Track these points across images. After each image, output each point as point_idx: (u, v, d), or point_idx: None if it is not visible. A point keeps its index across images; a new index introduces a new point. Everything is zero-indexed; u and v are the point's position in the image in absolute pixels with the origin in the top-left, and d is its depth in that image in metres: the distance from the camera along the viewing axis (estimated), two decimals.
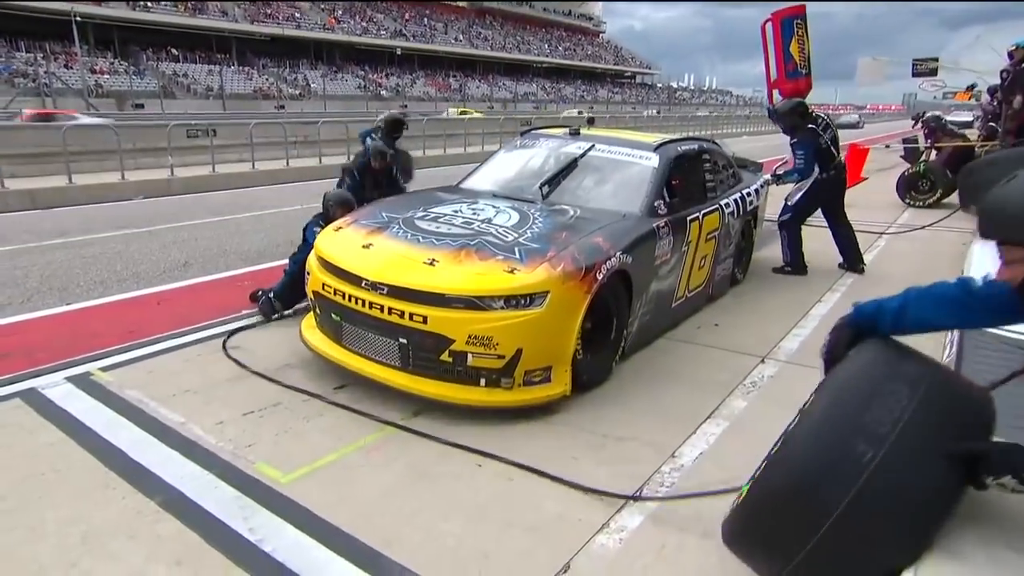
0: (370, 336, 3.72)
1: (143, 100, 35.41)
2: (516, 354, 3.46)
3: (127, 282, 6.38)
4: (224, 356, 4.33)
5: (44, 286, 6.19)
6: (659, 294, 4.56)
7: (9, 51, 35.65)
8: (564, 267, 3.59)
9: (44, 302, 5.71)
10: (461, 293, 3.46)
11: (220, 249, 7.89)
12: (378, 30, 56.05)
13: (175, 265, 7.11)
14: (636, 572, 2.42)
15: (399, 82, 54.00)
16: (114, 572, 2.40)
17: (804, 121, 6.32)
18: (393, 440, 3.37)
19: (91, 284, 6.31)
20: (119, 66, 40.16)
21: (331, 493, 2.89)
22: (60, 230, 8.83)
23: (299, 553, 2.50)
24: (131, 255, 7.47)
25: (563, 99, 61.72)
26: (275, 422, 3.50)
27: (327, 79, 48.45)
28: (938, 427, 1.59)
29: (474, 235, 3.93)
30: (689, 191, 5.14)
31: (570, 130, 5.61)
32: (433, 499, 2.87)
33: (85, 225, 9.19)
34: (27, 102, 29.49)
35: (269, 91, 44.35)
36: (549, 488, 2.95)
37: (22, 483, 2.94)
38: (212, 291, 6.11)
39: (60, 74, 35.24)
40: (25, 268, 6.78)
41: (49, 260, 7.16)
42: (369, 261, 3.78)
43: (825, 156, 6.35)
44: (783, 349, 4.65)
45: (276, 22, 49.05)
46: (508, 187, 5.02)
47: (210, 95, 39.91)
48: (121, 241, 8.21)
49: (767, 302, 5.77)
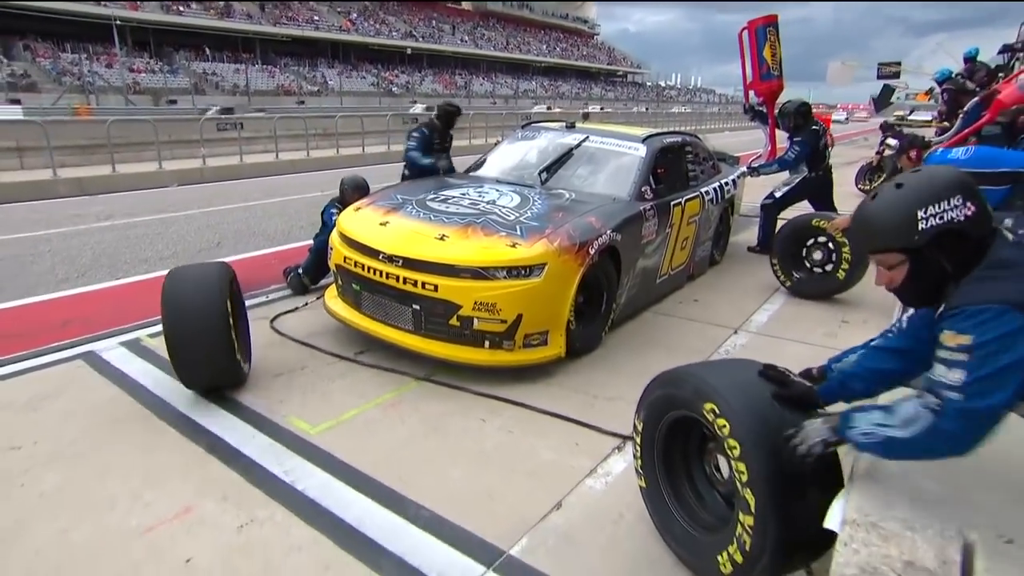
0: (387, 303, 3.77)
1: (176, 96, 35.16)
2: (517, 319, 3.52)
3: (168, 260, 6.41)
4: (255, 322, 4.32)
5: (96, 263, 6.25)
6: (645, 271, 4.60)
7: (56, 52, 35.42)
8: (560, 242, 3.64)
9: (96, 277, 5.79)
10: (468, 264, 3.51)
11: (249, 231, 7.93)
12: (390, 32, 55.37)
13: (210, 245, 7.17)
14: (619, 508, 2.52)
15: (409, 80, 53.42)
16: (171, 503, 2.51)
17: (807, 122, 6.27)
18: (408, 397, 3.46)
19: (136, 261, 6.37)
20: (154, 65, 39.75)
21: (354, 442, 2.98)
22: (106, 214, 8.86)
23: (328, 492, 2.61)
24: (170, 236, 7.52)
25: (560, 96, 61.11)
26: (303, 382, 3.59)
27: (343, 76, 47.97)
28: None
29: (480, 214, 3.96)
30: (673, 179, 5.15)
31: (567, 123, 5.62)
32: (443, 448, 2.96)
33: (128, 209, 9.22)
34: (73, 99, 29.45)
35: (290, 88, 43.93)
36: (545, 440, 3.04)
37: (89, 430, 3.06)
38: (244, 268, 6.10)
39: (102, 73, 34.96)
40: (78, 248, 6.85)
41: (98, 240, 7.22)
42: (386, 236, 3.82)
43: (817, 158, 6.31)
44: (754, 322, 4.73)
45: (297, 24, 48.47)
46: (510, 173, 5.03)
47: (237, 91, 39.57)
48: (160, 224, 8.25)
49: (742, 281, 5.80)
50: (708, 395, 1.90)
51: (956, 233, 1.50)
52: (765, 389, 1.90)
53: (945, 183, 1.53)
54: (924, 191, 1.53)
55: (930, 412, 1.45)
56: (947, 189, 1.52)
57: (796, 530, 1.71)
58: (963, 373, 1.41)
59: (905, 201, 1.55)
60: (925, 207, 1.51)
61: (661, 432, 2.22)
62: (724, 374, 2.03)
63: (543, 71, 70.25)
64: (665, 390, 2.16)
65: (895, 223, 1.55)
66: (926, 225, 1.51)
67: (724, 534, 1.91)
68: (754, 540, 1.74)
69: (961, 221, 1.50)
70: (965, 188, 1.52)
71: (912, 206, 1.53)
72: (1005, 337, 1.38)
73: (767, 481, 1.71)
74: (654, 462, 2.28)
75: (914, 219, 1.51)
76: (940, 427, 1.43)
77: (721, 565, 1.88)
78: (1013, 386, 1.39)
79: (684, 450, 2.25)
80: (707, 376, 2.00)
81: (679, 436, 2.22)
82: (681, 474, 2.26)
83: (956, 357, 1.43)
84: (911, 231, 1.52)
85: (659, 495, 2.27)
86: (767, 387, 1.91)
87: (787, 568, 1.83)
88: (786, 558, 1.77)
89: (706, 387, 1.93)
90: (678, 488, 2.25)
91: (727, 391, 1.87)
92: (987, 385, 1.39)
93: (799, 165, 6.32)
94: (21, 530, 2.36)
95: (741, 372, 2.01)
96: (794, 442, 1.68)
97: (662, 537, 2.27)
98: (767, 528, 1.71)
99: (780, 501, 1.70)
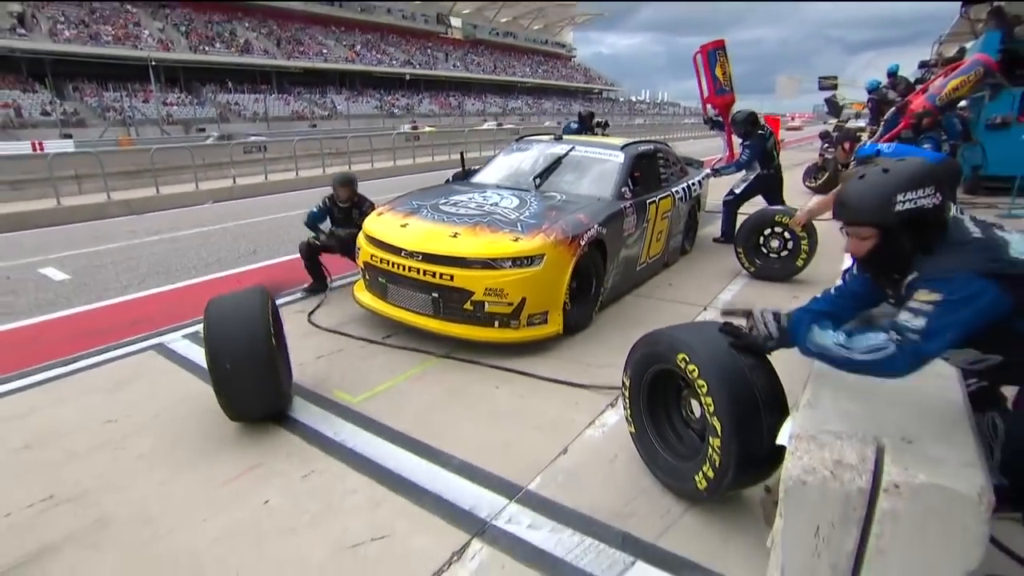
0: (409, 293, 3.88)
1: (204, 125, 35.23)
2: (521, 302, 3.66)
3: (212, 266, 6.54)
4: (295, 315, 4.51)
5: (152, 271, 6.37)
6: (627, 259, 4.70)
7: (100, 91, 35.71)
8: (555, 236, 3.77)
9: (154, 283, 5.91)
10: (478, 256, 3.65)
11: (278, 239, 7.98)
12: (390, 60, 55.24)
13: (246, 252, 7.26)
14: (614, 450, 2.70)
15: (408, 102, 53.36)
16: (244, 461, 2.69)
17: (755, 128, 6.44)
18: (432, 371, 3.60)
19: (185, 268, 6.48)
20: (184, 99, 39.77)
21: (390, 408, 3.13)
22: (154, 229, 8.95)
23: (372, 447, 2.78)
24: (211, 246, 7.62)
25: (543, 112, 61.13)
26: (342, 362, 3.73)
27: (350, 101, 47.94)
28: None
29: (485, 215, 4.09)
30: (648, 181, 5.24)
31: (555, 136, 5.75)
32: (465, 411, 3.12)
33: (172, 225, 9.31)
34: (116, 131, 29.74)
35: (303, 113, 43.91)
36: (550, 401, 3.19)
37: (168, 406, 3.23)
38: (279, 271, 6.29)
39: (139, 107, 35.20)
40: (135, 259, 6.96)
41: (151, 252, 7.32)
42: (407, 236, 3.94)
43: (767, 157, 6.45)
44: (720, 300, 4.85)
45: (307, 57, 48.32)
46: (509, 180, 5.11)
47: (256, 118, 39.59)
48: (201, 236, 8.35)
49: (709, 267, 5.90)
50: (679, 348, 2.11)
51: (922, 218, 1.59)
52: (724, 341, 2.10)
53: (923, 175, 1.61)
54: (904, 179, 1.60)
55: (894, 346, 1.57)
56: (923, 180, 1.60)
57: (753, 447, 1.92)
58: (925, 321, 1.53)
59: (887, 185, 1.61)
60: (904, 192, 1.59)
61: (645, 385, 2.42)
62: (692, 332, 2.25)
63: (528, 91, 70.27)
64: (646, 349, 2.36)
65: (876, 203, 1.62)
66: (901, 208, 1.59)
67: (698, 459, 2.12)
68: (722, 458, 1.95)
69: (929, 208, 1.59)
70: (937, 181, 1.61)
71: (893, 190, 1.60)
72: (969, 296, 1.50)
73: (729, 409, 1.92)
74: (640, 411, 2.48)
75: (892, 201, 1.60)
76: (895, 359, 1.57)
77: (698, 483, 2.10)
78: (956, 337, 1.53)
79: (664, 399, 2.45)
80: (678, 334, 2.21)
81: (659, 388, 2.43)
82: (663, 418, 2.46)
83: (924, 308, 1.54)
84: (887, 211, 1.61)
85: (646, 437, 2.47)
86: (725, 339, 2.11)
87: (747, 482, 2.05)
88: (747, 471, 1.98)
89: (678, 342, 2.14)
90: (661, 430, 2.45)
91: (694, 343, 2.08)
92: (940, 333, 1.52)
93: (752, 164, 6.48)
94: (129, 484, 2.55)
95: (705, 330, 2.22)
96: (747, 325, 1.81)
97: (650, 470, 2.47)
98: (731, 447, 1.92)
99: (740, 425, 1.92)
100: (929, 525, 1.40)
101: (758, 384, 1.99)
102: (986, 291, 1.52)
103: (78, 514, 2.36)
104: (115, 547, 2.19)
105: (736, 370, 1.98)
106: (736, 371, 1.98)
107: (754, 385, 1.98)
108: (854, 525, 1.51)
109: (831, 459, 1.53)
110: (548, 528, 2.21)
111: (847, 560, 1.55)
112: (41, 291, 5.69)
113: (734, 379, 1.96)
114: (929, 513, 1.40)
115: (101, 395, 3.38)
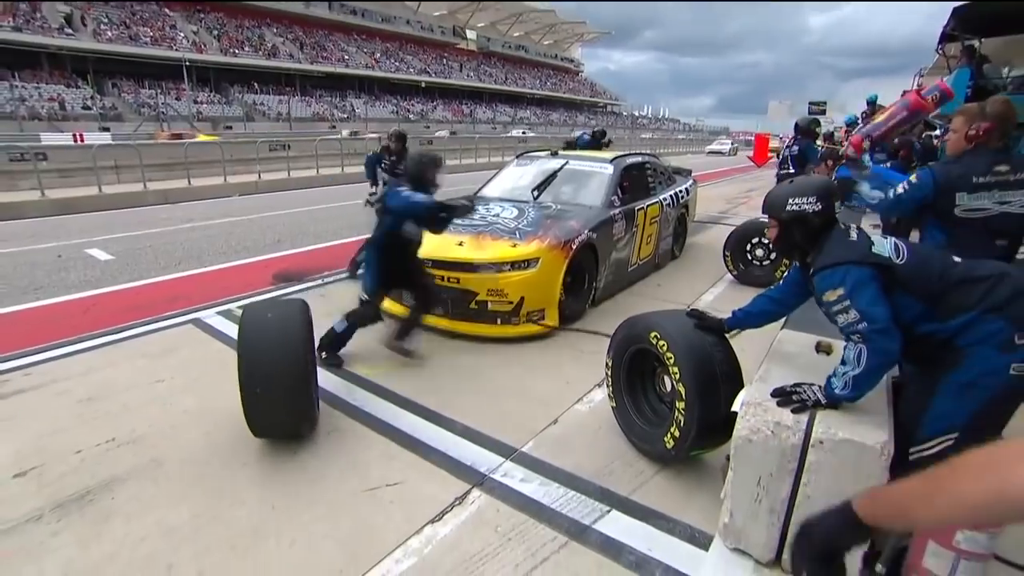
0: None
1: (231, 123, 35.59)
2: (520, 301, 3.87)
3: (240, 253, 6.74)
4: (313, 300, 4.61)
5: (186, 255, 6.58)
6: (618, 261, 4.88)
7: (137, 89, 36.40)
8: (550, 241, 3.99)
9: (189, 266, 6.12)
10: (482, 261, 3.86)
11: (301, 231, 8.15)
12: (408, 68, 55.45)
13: (271, 241, 7.44)
14: (598, 422, 2.93)
15: (423, 108, 53.61)
16: None
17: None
18: (438, 356, 3.79)
19: (216, 254, 6.68)
20: (214, 98, 40.15)
21: (402, 381, 3.35)
22: (187, 218, 9.16)
23: (386, 412, 3.01)
24: (239, 235, 7.79)
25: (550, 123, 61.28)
26: (360, 344, 3.80)
27: (368, 105, 48.16)
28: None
29: (487, 224, 4.29)
30: (636, 190, 5.39)
31: (552, 151, 5.90)
32: (470, 386, 3.33)
33: (203, 214, 9.51)
34: (149, 126, 30.12)
35: (324, 115, 44.15)
36: (545, 381, 3.41)
37: (207, 370, 3.46)
38: (303, 258, 6.50)
39: (172, 104, 35.68)
40: (172, 244, 7.16)
41: (185, 238, 7.52)
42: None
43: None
44: (703, 300, 5.03)
45: (330, 62, 48.57)
46: (509, 192, 5.25)
47: (280, 119, 39.87)
48: (230, 225, 8.54)
49: (695, 271, 6.06)
50: (652, 327, 2.37)
51: (804, 218, 1.91)
52: (689, 322, 2.39)
53: (813, 187, 1.91)
54: (798, 189, 1.93)
55: (861, 345, 1.67)
56: (811, 191, 1.90)
57: (712, 412, 2.16)
58: (854, 312, 1.67)
59: (786, 192, 1.96)
60: (795, 198, 1.92)
61: (624, 365, 2.66)
62: (663, 315, 2.51)
63: (536, 102, 70.39)
64: (625, 332, 2.61)
65: (776, 202, 1.97)
66: (790, 208, 1.92)
67: (667, 424, 2.36)
68: (686, 419, 2.20)
69: (809, 213, 1.90)
70: (822, 193, 1.89)
71: (788, 195, 1.94)
72: (861, 280, 1.70)
73: (693, 377, 2.18)
74: (620, 387, 2.71)
75: (786, 203, 1.93)
76: (872, 348, 1.65)
77: (666, 443, 2.33)
78: (882, 305, 1.66)
79: (641, 376, 2.69)
80: (651, 317, 2.49)
81: (636, 367, 2.66)
82: (639, 393, 2.70)
83: (843, 304, 1.70)
84: (782, 209, 1.94)
85: (625, 409, 2.70)
86: (691, 321, 2.39)
87: (707, 444, 2.28)
88: (706, 434, 2.22)
89: (651, 323, 2.41)
90: (637, 403, 2.69)
91: (665, 324, 2.36)
92: (869, 307, 1.66)
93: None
94: (177, 433, 2.80)
95: (674, 314, 2.49)
96: (797, 393, 1.82)
97: (627, 437, 2.70)
98: (694, 409, 2.17)
99: (702, 390, 2.17)
100: (843, 473, 1.63)
101: (718, 358, 2.25)
102: (866, 273, 1.73)
103: (137, 454, 2.61)
104: (169, 481, 2.43)
105: (700, 345, 2.24)
106: (700, 346, 2.24)
107: (715, 359, 2.23)
108: (788, 475, 1.74)
109: (772, 421, 1.76)
110: (537, 482, 2.44)
111: (782, 505, 1.78)
112: (89, 269, 5.92)
113: (698, 352, 2.22)
114: (844, 463, 1.63)
115: (149, 359, 3.62)
